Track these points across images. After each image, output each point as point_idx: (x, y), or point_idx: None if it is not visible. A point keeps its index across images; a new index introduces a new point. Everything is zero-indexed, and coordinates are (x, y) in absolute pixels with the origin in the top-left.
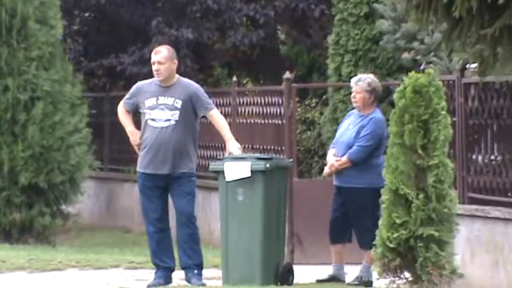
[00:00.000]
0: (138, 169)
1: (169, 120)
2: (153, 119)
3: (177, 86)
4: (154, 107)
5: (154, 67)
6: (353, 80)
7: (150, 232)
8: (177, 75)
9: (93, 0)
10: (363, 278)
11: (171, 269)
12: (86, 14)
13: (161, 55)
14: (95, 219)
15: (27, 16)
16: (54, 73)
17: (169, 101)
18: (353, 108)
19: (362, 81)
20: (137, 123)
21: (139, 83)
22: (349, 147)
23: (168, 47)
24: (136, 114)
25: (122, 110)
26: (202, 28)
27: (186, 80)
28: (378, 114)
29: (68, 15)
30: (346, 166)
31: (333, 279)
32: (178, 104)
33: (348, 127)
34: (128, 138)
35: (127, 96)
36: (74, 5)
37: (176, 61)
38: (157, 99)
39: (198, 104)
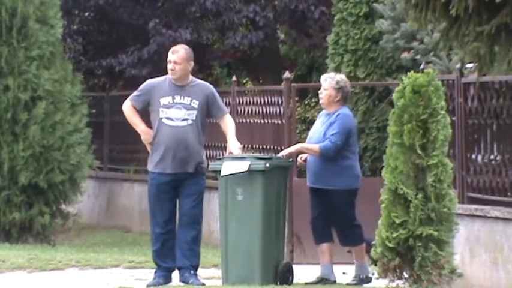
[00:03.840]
0: (153, 169)
1: (186, 119)
2: (169, 118)
3: (193, 86)
4: (171, 105)
5: (169, 66)
6: (323, 77)
7: (156, 233)
8: (191, 76)
9: (91, 1)
10: (360, 276)
11: (172, 270)
12: (86, 14)
13: (178, 55)
14: (94, 218)
15: (27, 15)
16: (54, 73)
17: (186, 100)
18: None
19: (331, 79)
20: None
21: (152, 81)
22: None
23: (186, 47)
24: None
25: (129, 107)
26: (201, 29)
27: (200, 81)
28: (345, 110)
29: (67, 15)
30: (313, 152)
31: (320, 281)
32: (196, 104)
33: (318, 127)
34: (129, 137)
35: (136, 93)
36: (73, 5)
37: (192, 62)
38: (174, 98)
39: (214, 106)
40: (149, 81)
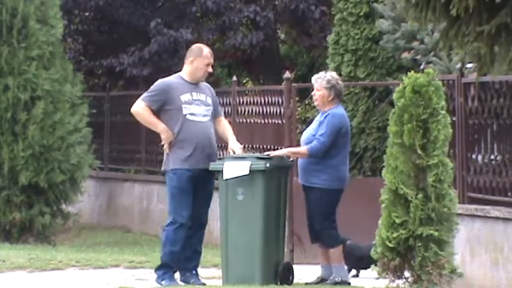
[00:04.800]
0: (179, 166)
1: (206, 115)
2: (192, 114)
3: (202, 84)
4: (191, 102)
5: (208, 68)
6: (313, 78)
7: (178, 236)
8: None
9: (92, 1)
10: (336, 279)
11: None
12: (86, 14)
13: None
14: (95, 218)
15: (28, 15)
16: (54, 72)
17: (202, 97)
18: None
19: (321, 79)
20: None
21: (165, 80)
22: (308, 143)
23: None
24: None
25: (145, 108)
26: (202, 29)
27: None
28: (338, 110)
29: (67, 15)
30: (301, 156)
31: (321, 281)
32: (209, 100)
33: (312, 125)
34: (129, 137)
35: (150, 94)
36: (73, 5)
37: None
38: (191, 95)
39: (217, 105)
40: (162, 81)
